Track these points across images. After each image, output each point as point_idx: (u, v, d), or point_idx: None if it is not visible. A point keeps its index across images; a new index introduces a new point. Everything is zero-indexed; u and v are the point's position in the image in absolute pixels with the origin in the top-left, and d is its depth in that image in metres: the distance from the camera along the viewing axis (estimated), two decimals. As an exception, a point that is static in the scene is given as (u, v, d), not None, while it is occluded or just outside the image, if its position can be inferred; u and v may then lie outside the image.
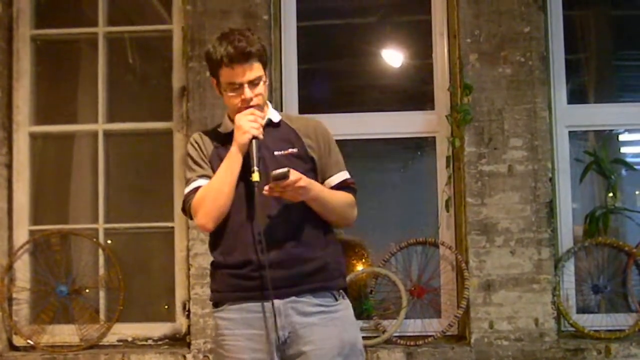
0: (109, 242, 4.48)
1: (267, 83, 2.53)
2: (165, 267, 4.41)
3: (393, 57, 4.70)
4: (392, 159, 4.65)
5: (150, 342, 4.35)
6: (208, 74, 2.54)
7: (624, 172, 4.50)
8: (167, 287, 4.40)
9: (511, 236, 4.05)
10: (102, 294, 4.42)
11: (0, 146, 4.42)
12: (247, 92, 2.45)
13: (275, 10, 4.35)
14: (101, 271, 4.41)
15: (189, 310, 4.18)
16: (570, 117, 4.32)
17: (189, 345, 4.17)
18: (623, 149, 4.68)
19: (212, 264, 2.58)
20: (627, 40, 4.70)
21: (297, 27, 4.42)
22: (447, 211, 4.24)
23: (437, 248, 4.28)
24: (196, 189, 2.49)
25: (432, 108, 4.35)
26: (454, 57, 4.27)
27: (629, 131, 4.62)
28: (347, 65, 4.68)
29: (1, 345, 4.33)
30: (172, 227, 4.37)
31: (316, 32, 4.62)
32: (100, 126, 4.52)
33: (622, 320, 4.16)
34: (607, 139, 4.55)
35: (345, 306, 2.53)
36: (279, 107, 4.33)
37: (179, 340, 4.32)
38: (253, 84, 2.45)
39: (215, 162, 2.51)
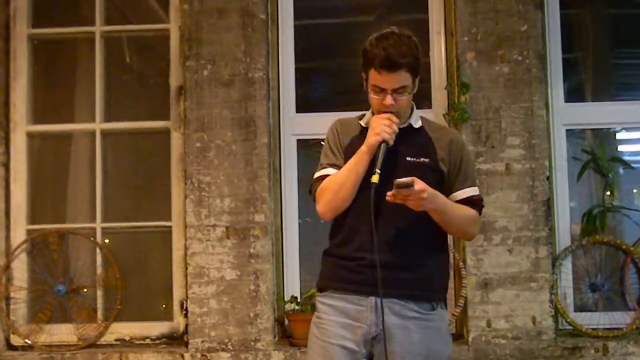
0: (107, 241, 4.49)
1: (414, 91, 2.54)
2: (163, 266, 4.41)
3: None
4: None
5: (148, 341, 4.35)
6: (205, 72, 2.52)
7: (621, 170, 4.51)
8: (164, 286, 4.40)
9: (509, 235, 4.06)
10: (99, 293, 4.42)
11: (-2, 145, 4.43)
12: (389, 99, 2.48)
13: (273, 9, 4.35)
14: (99, 270, 4.41)
15: (186, 309, 4.18)
16: (568, 115, 4.32)
17: (186, 344, 4.17)
18: (620, 147, 4.68)
19: (325, 251, 2.65)
20: (624, 38, 4.71)
21: (295, 25, 4.42)
22: (445, 210, 4.23)
23: (434, 246, 4.27)
24: (324, 176, 2.57)
25: (430, 107, 4.35)
26: (451, 55, 4.27)
27: (626, 129, 4.62)
28: (344, 64, 4.68)
29: (-1, 344, 4.34)
30: (170, 226, 4.38)
31: (313, 30, 4.62)
32: (98, 125, 4.51)
33: (619, 319, 4.17)
34: (605, 137, 4.55)
35: (440, 317, 2.57)
36: (276, 106, 4.34)
37: (176, 339, 4.32)
38: (397, 92, 2.48)
39: (349, 153, 2.56)
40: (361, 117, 2.68)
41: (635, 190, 4.65)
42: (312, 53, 4.58)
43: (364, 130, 2.58)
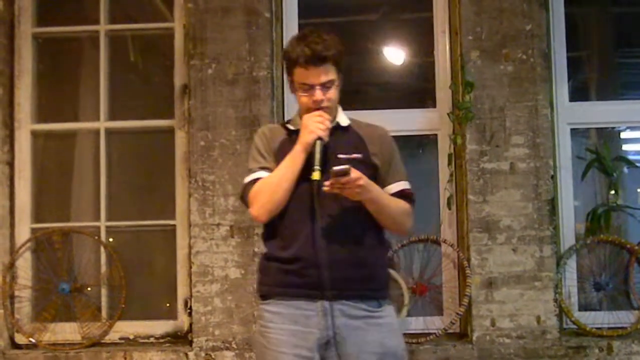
0: (111, 240, 4.49)
1: (339, 87, 2.57)
2: (167, 264, 4.42)
3: (395, 54, 4.70)
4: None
5: (152, 339, 4.35)
6: (210, 71, 2.52)
7: (625, 169, 4.50)
8: (169, 285, 4.40)
9: (513, 234, 4.05)
10: (104, 291, 4.42)
11: (2, 144, 4.42)
12: (318, 94, 2.50)
13: (277, 8, 4.35)
14: (103, 269, 4.41)
15: (190, 308, 4.19)
16: (572, 114, 4.31)
17: (190, 342, 4.17)
18: (625, 147, 4.68)
19: (265, 256, 2.61)
20: (629, 37, 4.71)
21: (299, 24, 4.42)
22: (449, 209, 4.23)
23: (438, 246, 4.28)
24: (256, 180, 2.55)
25: (434, 106, 4.35)
26: (455, 54, 4.26)
27: (631, 128, 4.62)
28: (349, 63, 4.65)
29: (3, 343, 4.33)
30: (174, 225, 4.38)
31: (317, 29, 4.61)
32: (102, 124, 4.52)
33: (624, 318, 4.16)
34: (609, 136, 4.55)
35: (388, 313, 2.58)
36: (280, 105, 4.34)
37: (180, 338, 4.32)
38: (325, 86, 2.51)
39: (280, 157, 2.55)
40: (286, 123, 2.70)
41: (639, 190, 4.64)
42: (316, 52, 4.56)
43: (292, 133, 2.58)
